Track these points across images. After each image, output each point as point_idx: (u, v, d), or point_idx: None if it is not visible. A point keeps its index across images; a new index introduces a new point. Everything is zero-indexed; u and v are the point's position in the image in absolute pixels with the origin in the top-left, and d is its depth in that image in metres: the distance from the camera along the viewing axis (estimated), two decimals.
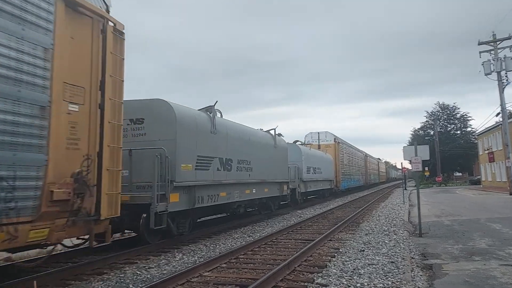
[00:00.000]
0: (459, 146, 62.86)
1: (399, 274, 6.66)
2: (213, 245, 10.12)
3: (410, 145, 13.09)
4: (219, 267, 7.50)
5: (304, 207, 21.99)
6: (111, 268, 7.58)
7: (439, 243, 9.83)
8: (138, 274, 7.19)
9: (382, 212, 18.01)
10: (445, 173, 64.26)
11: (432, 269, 7.22)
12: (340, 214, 17.35)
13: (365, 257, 8.06)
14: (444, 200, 25.40)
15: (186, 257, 8.61)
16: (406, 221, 14.44)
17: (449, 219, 14.71)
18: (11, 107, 5.14)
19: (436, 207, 20.40)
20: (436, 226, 12.96)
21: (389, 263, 7.46)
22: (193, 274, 6.77)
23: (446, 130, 68.34)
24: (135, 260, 8.27)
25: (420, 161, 11.96)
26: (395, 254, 8.34)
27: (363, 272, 6.85)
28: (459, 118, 68.96)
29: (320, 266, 7.35)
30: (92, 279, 6.88)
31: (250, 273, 7.05)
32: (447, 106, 69.54)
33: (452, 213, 16.87)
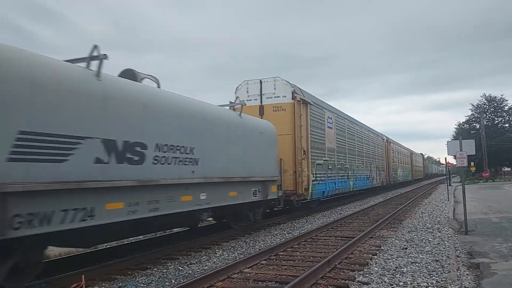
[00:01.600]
0: (508, 140, 59.93)
1: (444, 273, 6.45)
2: (252, 241, 10.19)
3: (455, 140, 12.62)
4: (259, 263, 7.55)
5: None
6: (154, 263, 7.80)
7: (487, 241, 9.44)
8: (180, 269, 7.36)
9: (425, 209, 17.48)
10: (492, 168, 61.51)
11: (479, 268, 6.94)
12: (381, 211, 16.99)
13: (408, 255, 7.87)
14: (492, 197, 24.30)
15: (226, 254, 8.72)
16: (451, 218, 13.95)
17: (497, 216, 14.07)
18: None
19: (482, 203, 19.57)
20: (483, 223, 12.44)
21: (433, 262, 7.24)
22: (233, 270, 6.85)
23: (493, 124, 65.40)
24: (177, 256, 8.47)
25: (465, 156, 11.52)
26: (440, 252, 8.08)
27: (405, 270, 6.69)
28: (507, 110, 65.75)
29: (362, 264, 7.24)
30: (136, 274, 7.11)
31: (290, 270, 7.05)
32: (494, 98, 66.50)
33: (500, 210, 16.13)
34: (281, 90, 14.56)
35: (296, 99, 14.49)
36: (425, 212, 15.91)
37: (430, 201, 22.25)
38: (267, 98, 14.62)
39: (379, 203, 20.90)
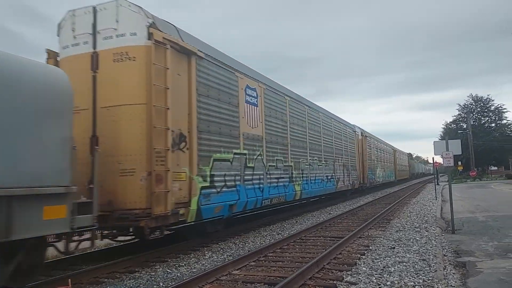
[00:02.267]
0: (494, 139, 60.80)
1: (430, 272, 6.52)
2: (242, 243, 10.19)
3: (441, 140, 12.77)
4: (248, 265, 7.55)
5: None
6: (142, 266, 7.76)
7: (473, 240, 9.56)
8: (169, 272, 7.33)
9: (413, 208, 17.65)
10: (479, 167, 62.33)
11: (465, 267, 7.03)
12: (370, 211, 17.11)
13: (396, 255, 7.93)
14: (479, 196, 24.62)
15: (216, 256, 8.71)
16: (439, 217, 14.10)
17: (483, 215, 14.26)
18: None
19: (469, 202, 19.82)
20: (470, 222, 12.60)
21: (420, 261, 7.31)
22: (222, 272, 6.84)
23: (479, 123, 66.30)
24: (165, 258, 8.43)
25: (451, 156, 11.66)
26: (427, 251, 8.16)
27: (393, 270, 6.75)
28: (494, 110, 66.72)
29: (350, 264, 7.28)
30: (124, 277, 7.07)
31: (279, 271, 7.06)
32: (480, 98, 67.44)
33: (487, 209, 16.35)
34: (127, 23, 8.00)
35: (157, 39, 7.83)
36: (413, 212, 16.06)
37: (418, 200, 22.47)
38: (104, 40, 8.11)
39: (368, 203, 21.03)
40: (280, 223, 13.88)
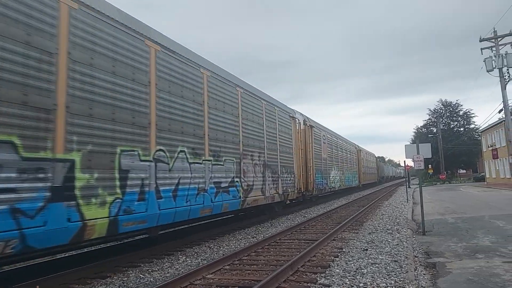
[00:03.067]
0: (463, 143, 62.75)
1: (402, 273, 6.64)
2: (216, 246, 10.13)
3: (412, 143, 13.06)
4: (222, 269, 7.51)
5: None
6: (114, 271, 7.60)
7: (443, 241, 9.81)
8: (141, 277, 7.20)
9: (385, 211, 17.96)
10: (448, 170, 64.12)
11: (435, 268, 7.20)
12: (344, 213, 17.32)
13: (368, 256, 8.05)
14: (448, 198, 25.32)
15: (190, 260, 8.62)
16: (410, 219, 14.41)
17: (453, 217, 14.66)
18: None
19: (439, 204, 20.34)
20: (439, 224, 12.93)
21: (392, 262, 7.44)
22: (196, 276, 6.77)
23: (449, 128, 68.29)
24: (138, 263, 8.28)
25: (422, 159, 11.94)
26: (398, 253, 8.32)
27: (366, 271, 6.84)
28: (462, 115, 68.91)
29: (323, 266, 7.34)
30: (96, 282, 6.90)
31: (253, 274, 7.05)
32: (449, 103, 69.53)
33: (456, 211, 16.82)
34: None
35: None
36: (385, 214, 16.34)
37: (391, 202, 22.89)
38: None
39: (342, 206, 21.28)
40: (255, 227, 13.87)
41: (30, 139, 5.47)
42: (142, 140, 7.72)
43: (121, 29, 7.51)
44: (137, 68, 7.83)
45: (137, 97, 7.75)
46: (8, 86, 5.26)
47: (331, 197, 28.80)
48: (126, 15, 7.84)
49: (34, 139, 5.51)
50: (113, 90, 7.15)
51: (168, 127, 8.62)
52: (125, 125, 7.32)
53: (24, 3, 5.61)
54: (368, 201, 24.50)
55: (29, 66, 5.57)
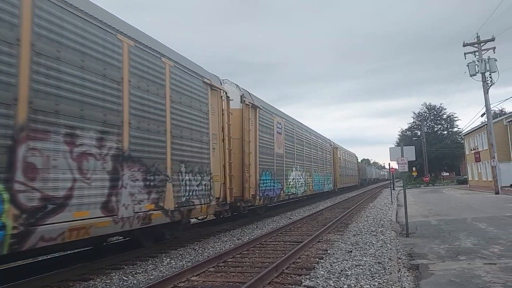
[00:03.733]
0: (446, 146, 63.74)
1: (386, 274, 6.69)
2: (201, 248, 10.07)
3: (397, 146, 13.21)
4: (207, 271, 7.47)
5: None
6: (97, 274, 7.49)
7: (426, 243, 9.92)
8: (125, 280, 7.12)
9: (370, 212, 18.11)
10: (432, 173, 65.06)
11: (418, 269, 7.27)
12: (330, 215, 17.40)
13: (353, 258, 8.09)
14: (432, 200, 25.65)
15: (174, 262, 8.55)
16: (394, 221, 14.55)
17: (436, 219, 14.85)
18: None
19: (423, 207, 20.59)
20: (423, 226, 13.08)
21: (376, 264, 7.49)
22: (180, 279, 6.72)
23: (433, 131, 69.31)
24: (121, 265, 8.18)
25: (406, 162, 12.07)
26: (382, 254, 8.39)
27: (350, 273, 6.87)
28: (446, 118, 70.05)
29: (308, 268, 7.36)
30: (78, 285, 6.80)
31: (238, 276, 7.03)
32: (433, 106, 70.56)
33: (439, 213, 17.04)
34: None
35: None
36: (370, 216, 16.47)
37: (375, 205, 23.09)
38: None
39: (327, 208, 21.38)
40: (240, 228, 13.84)
41: None
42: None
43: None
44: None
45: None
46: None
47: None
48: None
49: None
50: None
51: None
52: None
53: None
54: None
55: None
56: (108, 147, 7.19)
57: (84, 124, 6.67)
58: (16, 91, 5.50)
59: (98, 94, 7.04)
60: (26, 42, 5.71)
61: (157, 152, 8.65)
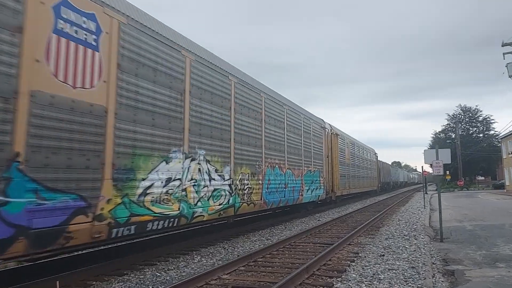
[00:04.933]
0: (482, 149, 61.67)
1: (420, 279, 6.55)
2: (231, 247, 10.14)
3: (431, 149, 12.89)
4: (238, 270, 7.51)
5: None
6: (131, 269, 7.67)
7: (461, 248, 9.64)
8: (158, 275, 7.26)
9: (402, 216, 17.75)
10: (467, 177, 63.12)
11: (454, 275, 7.08)
12: (360, 218, 17.17)
13: (385, 262, 7.96)
14: (466, 205, 24.88)
15: (205, 260, 8.65)
16: (427, 225, 14.20)
17: (471, 224, 14.40)
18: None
19: (457, 211, 20.00)
20: (458, 231, 12.71)
21: (410, 269, 7.34)
22: (211, 276, 6.79)
23: (468, 133, 67.22)
24: (154, 261, 8.35)
25: (441, 165, 11.77)
26: (416, 259, 8.21)
27: (383, 277, 6.76)
28: (482, 121, 67.77)
29: (340, 271, 7.28)
30: (113, 279, 6.98)
31: (269, 276, 7.04)
32: (469, 108, 68.46)
33: (474, 218, 16.52)
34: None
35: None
36: (402, 220, 16.15)
37: (407, 208, 22.61)
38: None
39: (356, 210, 21.10)
40: (269, 229, 13.85)
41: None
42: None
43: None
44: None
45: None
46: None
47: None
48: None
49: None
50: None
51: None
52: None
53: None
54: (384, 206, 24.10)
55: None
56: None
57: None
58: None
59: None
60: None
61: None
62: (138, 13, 7.58)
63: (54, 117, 5.58)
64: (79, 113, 5.97)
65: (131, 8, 7.43)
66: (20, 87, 5.16)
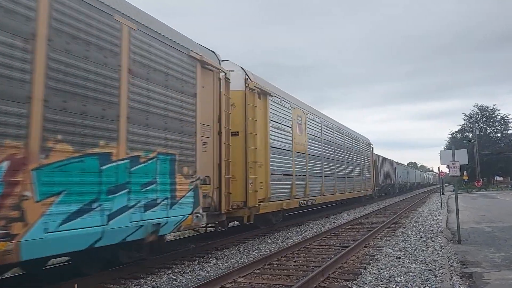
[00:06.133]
0: (500, 149, 60.53)
1: (437, 282, 6.48)
2: (246, 250, 10.17)
3: (448, 149, 12.74)
4: (253, 273, 7.53)
5: None
6: (147, 272, 7.75)
7: (479, 250, 9.49)
8: (174, 279, 7.32)
9: (419, 218, 17.55)
10: (485, 177, 62.01)
11: (472, 278, 6.98)
12: (376, 220, 17.04)
13: (402, 265, 7.89)
14: (484, 206, 24.47)
15: (220, 263, 8.69)
16: (444, 227, 14.02)
17: (489, 226, 14.16)
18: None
19: (475, 212, 19.69)
20: (476, 232, 12.51)
21: (427, 271, 7.26)
22: (227, 279, 6.83)
23: (485, 133, 66.07)
24: (170, 265, 8.42)
25: (458, 166, 11.62)
26: (433, 261, 8.11)
27: (399, 280, 6.71)
28: (499, 120, 66.50)
29: (356, 274, 7.25)
30: (130, 283, 7.06)
31: (284, 279, 7.04)
32: (486, 108, 67.30)
33: (492, 219, 16.24)
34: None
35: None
36: (419, 221, 15.97)
37: (424, 210, 22.35)
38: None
39: (371, 212, 20.93)
40: (284, 231, 13.84)
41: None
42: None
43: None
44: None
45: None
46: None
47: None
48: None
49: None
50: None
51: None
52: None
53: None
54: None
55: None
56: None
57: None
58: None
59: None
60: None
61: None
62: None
63: None
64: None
65: None
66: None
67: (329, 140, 19.64)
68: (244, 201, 11.22)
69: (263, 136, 12.29)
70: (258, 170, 11.77)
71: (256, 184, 11.54)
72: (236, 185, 10.93)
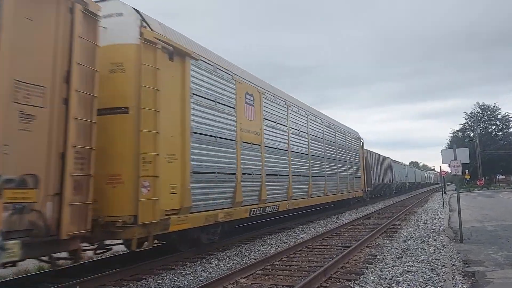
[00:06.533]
0: (502, 148, 60.37)
1: (439, 281, 6.46)
2: (248, 251, 10.15)
3: (449, 148, 12.72)
4: (255, 273, 7.52)
5: None
6: (149, 274, 7.75)
7: (482, 249, 9.47)
8: (176, 280, 7.31)
9: (421, 217, 17.51)
10: (486, 176, 61.84)
11: (474, 277, 6.96)
12: (377, 220, 17.01)
13: (404, 264, 7.87)
14: (486, 204, 24.41)
15: (222, 264, 8.68)
16: (446, 226, 13.99)
17: (492, 224, 14.13)
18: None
19: (477, 211, 19.64)
20: (478, 231, 12.48)
21: (429, 270, 7.24)
22: (229, 280, 6.82)
23: (487, 132, 65.86)
24: (172, 266, 8.42)
25: (459, 165, 11.59)
26: (435, 261, 8.09)
27: (401, 279, 6.69)
28: (501, 118, 66.32)
29: (357, 273, 7.23)
30: (131, 284, 7.06)
31: (286, 280, 7.03)
32: (487, 106, 67.06)
33: (495, 218, 16.20)
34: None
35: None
36: (421, 221, 15.94)
37: (426, 209, 22.31)
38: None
39: (373, 212, 20.90)
40: (286, 232, 13.82)
41: None
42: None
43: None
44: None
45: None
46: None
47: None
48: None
49: None
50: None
51: None
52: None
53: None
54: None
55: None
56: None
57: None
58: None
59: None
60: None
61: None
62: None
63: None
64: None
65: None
66: None
67: (301, 130, 15.83)
68: (135, 215, 7.12)
69: (177, 116, 8.43)
70: (167, 167, 7.88)
71: (156, 187, 7.44)
72: (122, 190, 7.18)
